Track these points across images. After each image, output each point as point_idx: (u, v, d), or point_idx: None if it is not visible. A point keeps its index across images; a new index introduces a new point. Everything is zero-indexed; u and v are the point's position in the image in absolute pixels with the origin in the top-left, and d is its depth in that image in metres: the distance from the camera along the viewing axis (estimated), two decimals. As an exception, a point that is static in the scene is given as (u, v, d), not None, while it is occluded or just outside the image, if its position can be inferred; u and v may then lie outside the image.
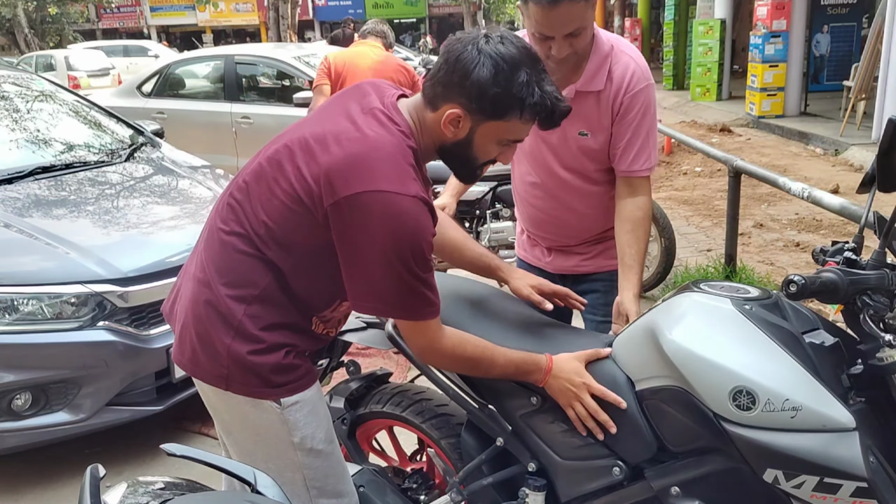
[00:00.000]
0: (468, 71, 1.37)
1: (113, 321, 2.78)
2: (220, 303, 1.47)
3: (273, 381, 1.50)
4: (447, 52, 1.41)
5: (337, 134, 1.40)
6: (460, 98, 1.40)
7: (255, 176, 1.49)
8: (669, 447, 1.49)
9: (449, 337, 1.51)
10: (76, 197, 3.36)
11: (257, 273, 1.46)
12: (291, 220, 1.42)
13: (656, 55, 19.31)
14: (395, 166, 1.36)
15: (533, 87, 1.39)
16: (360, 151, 1.36)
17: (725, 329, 1.40)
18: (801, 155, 8.43)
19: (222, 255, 1.49)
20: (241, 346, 1.46)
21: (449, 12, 36.41)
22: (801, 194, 3.14)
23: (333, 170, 1.36)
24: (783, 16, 10.30)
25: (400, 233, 1.35)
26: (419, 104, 1.47)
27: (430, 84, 1.44)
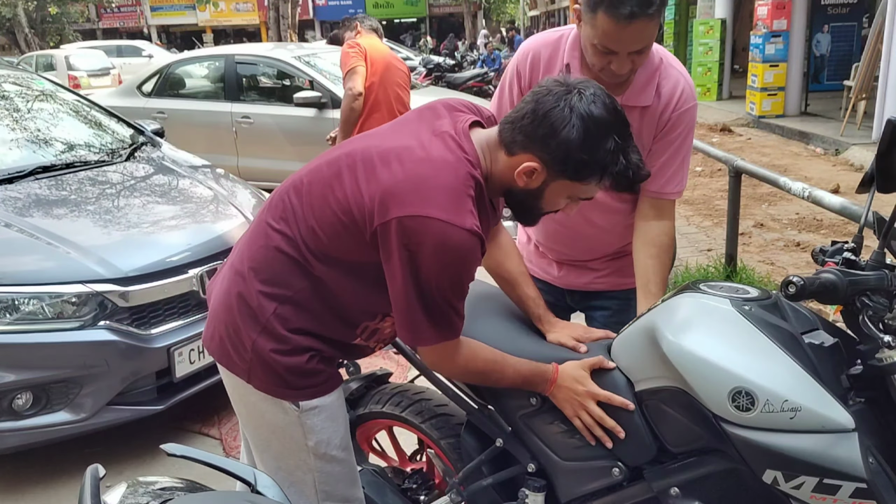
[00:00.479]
0: (556, 129, 1.32)
1: (114, 321, 2.78)
2: (252, 297, 1.47)
3: (292, 382, 1.49)
4: (535, 102, 1.36)
5: (401, 152, 1.38)
6: (541, 153, 1.35)
7: (312, 178, 1.47)
8: (669, 448, 1.49)
9: (462, 351, 1.50)
10: (77, 196, 3.36)
11: (295, 276, 1.45)
12: (340, 233, 1.40)
13: (657, 55, 19.31)
14: (453, 195, 1.33)
15: (619, 157, 1.35)
16: (420, 173, 1.33)
17: (725, 330, 1.40)
18: (801, 155, 8.42)
19: (264, 250, 1.48)
20: (265, 343, 1.46)
21: (449, 12, 36.42)
22: (802, 194, 3.13)
23: (389, 189, 1.33)
24: (783, 15, 10.30)
25: (444, 263, 1.33)
26: (493, 141, 1.43)
27: (510, 129, 1.39)
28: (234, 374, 1.54)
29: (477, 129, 1.47)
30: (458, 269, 1.35)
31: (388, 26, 34.10)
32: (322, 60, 6.96)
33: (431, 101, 1.56)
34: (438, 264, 1.32)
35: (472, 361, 1.51)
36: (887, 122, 1.27)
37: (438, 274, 1.33)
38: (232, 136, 6.72)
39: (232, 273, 1.54)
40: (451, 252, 1.31)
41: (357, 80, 4.39)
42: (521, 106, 1.39)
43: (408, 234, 1.31)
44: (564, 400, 1.55)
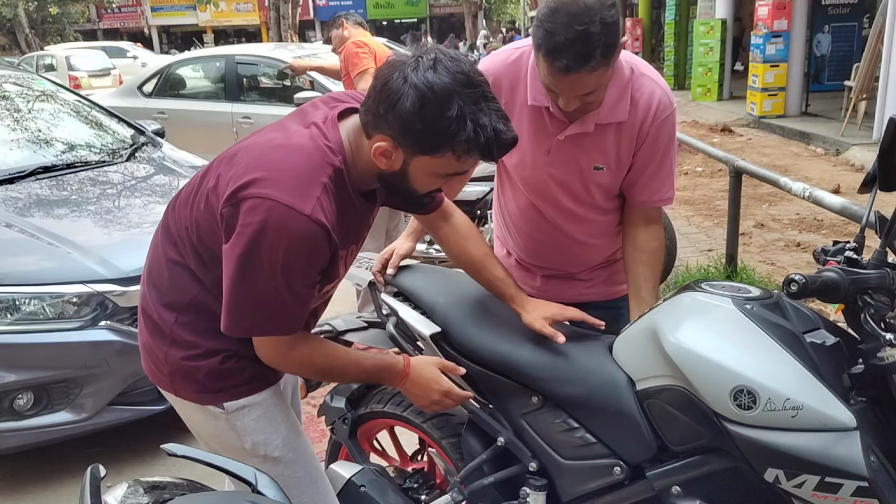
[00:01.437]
0: (392, 103, 1.25)
1: (115, 321, 2.78)
2: (153, 311, 1.48)
3: (211, 386, 1.48)
4: (376, 77, 1.31)
5: (261, 142, 1.37)
6: (388, 130, 1.29)
7: (190, 183, 1.49)
8: (670, 447, 1.49)
9: (299, 347, 1.45)
10: (77, 197, 3.36)
11: (186, 281, 1.45)
12: (206, 226, 1.38)
13: (657, 55, 19.31)
14: (300, 179, 1.28)
15: (465, 122, 1.24)
16: (271, 158, 1.31)
17: (726, 328, 1.41)
18: (802, 155, 8.42)
19: (156, 262, 1.49)
20: (176, 352, 1.46)
21: (450, 12, 36.42)
22: (803, 194, 3.13)
23: (240, 172, 1.31)
24: (784, 16, 10.29)
25: (276, 248, 1.26)
26: (357, 127, 1.38)
27: (363, 110, 1.34)
28: (163, 389, 1.54)
29: (352, 117, 1.41)
30: (293, 257, 1.28)
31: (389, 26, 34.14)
32: (322, 61, 6.95)
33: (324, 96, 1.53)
34: (270, 249, 1.26)
35: (308, 359, 1.47)
36: (889, 121, 1.27)
37: (270, 260, 1.27)
38: (233, 137, 6.71)
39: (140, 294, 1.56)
40: (287, 237, 1.25)
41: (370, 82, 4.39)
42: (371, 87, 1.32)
43: (243, 215, 1.26)
44: (415, 395, 1.57)
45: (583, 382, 1.59)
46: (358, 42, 4.42)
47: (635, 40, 17.80)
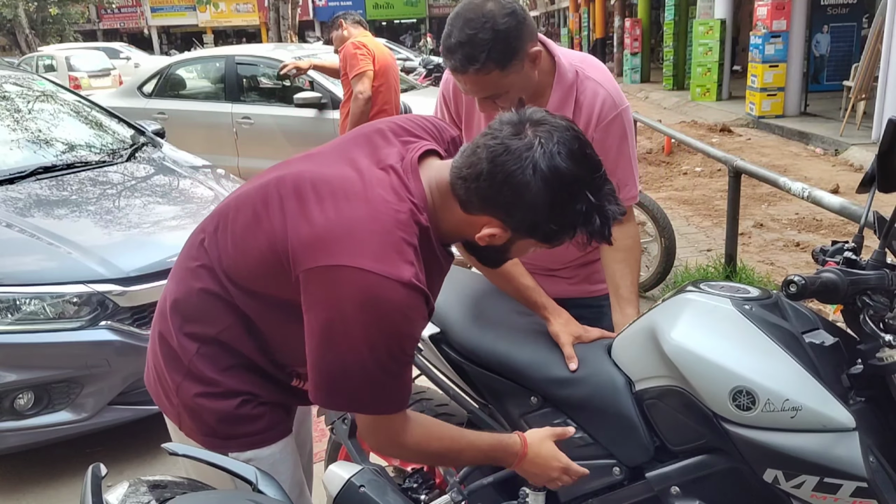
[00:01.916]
0: (520, 196, 1.13)
1: (115, 320, 2.78)
2: (172, 337, 1.34)
3: (221, 431, 1.34)
4: (492, 161, 1.14)
5: (336, 187, 1.21)
6: (502, 216, 1.18)
7: (239, 204, 1.32)
8: (669, 447, 1.50)
9: (412, 432, 1.32)
10: (78, 197, 3.36)
11: (219, 312, 1.30)
12: (265, 267, 1.24)
13: (656, 55, 19.32)
14: (388, 243, 1.15)
15: (592, 216, 1.16)
16: (354, 217, 1.17)
17: (725, 329, 1.41)
18: (801, 155, 8.43)
19: (185, 286, 1.34)
20: (190, 387, 1.33)
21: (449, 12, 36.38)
22: (802, 194, 3.14)
23: (317, 233, 1.17)
24: (783, 16, 10.30)
25: (373, 322, 1.14)
26: (446, 189, 1.23)
27: (464, 187, 1.19)
28: (168, 417, 1.42)
29: (429, 163, 1.29)
30: (392, 328, 1.15)
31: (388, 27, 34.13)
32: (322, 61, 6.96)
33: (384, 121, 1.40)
34: (367, 323, 1.13)
35: (424, 443, 1.33)
36: (889, 122, 1.27)
37: (368, 335, 1.14)
38: (232, 137, 6.72)
39: (157, 313, 1.42)
40: (383, 308, 1.13)
41: (367, 84, 4.37)
42: (473, 159, 1.18)
43: (330, 287, 1.14)
44: (534, 474, 1.49)
45: (581, 383, 1.59)
46: (357, 43, 4.40)
47: (634, 41, 17.81)
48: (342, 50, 4.49)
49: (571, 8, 27.51)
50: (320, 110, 6.30)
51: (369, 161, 1.27)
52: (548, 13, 38.24)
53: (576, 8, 26.60)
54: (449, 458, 1.43)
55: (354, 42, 4.41)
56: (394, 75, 4.64)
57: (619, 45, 19.91)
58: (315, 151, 1.38)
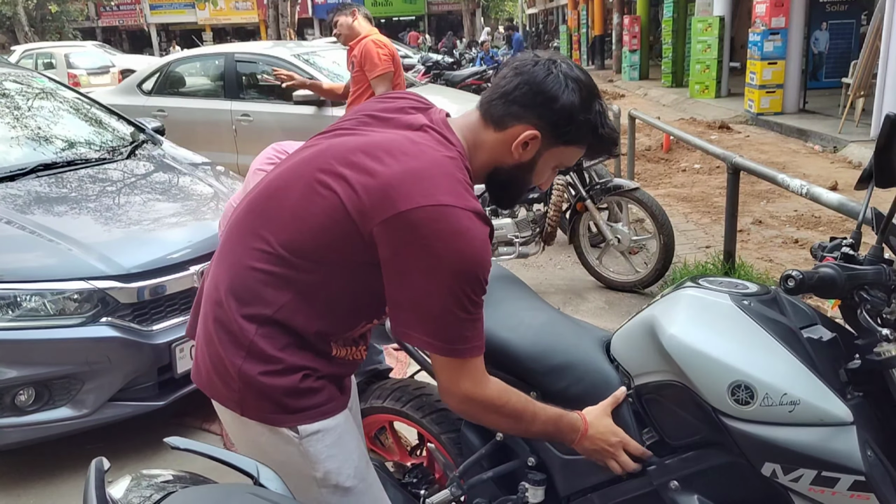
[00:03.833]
0: (556, 95, 1.32)
1: (115, 317, 2.79)
2: (231, 322, 1.35)
3: (288, 405, 1.36)
4: (527, 73, 1.34)
5: (389, 146, 1.30)
6: (539, 120, 1.34)
7: (286, 181, 1.37)
8: (668, 442, 1.51)
9: (493, 383, 1.38)
10: (78, 194, 3.37)
11: (274, 292, 1.33)
12: (330, 235, 1.29)
13: (655, 52, 19.31)
14: (456, 183, 1.27)
15: (604, 118, 1.37)
16: (421, 166, 1.26)
17: (724, 324, 1.42)
18: (799, 152, 8.44)
19: (238, 269, 1.37)
20: (252, 367, 1.34)
21: (448, 10, 36.38)
22: (800, 191, 3.15)
23: (392, 183, 1.24)
24: (782, 13, 10.30)
25: (463, 251, 1.23)
26: (475, 123, 1.39)
27: (502, 103, 1.35)
28: (226, 407, 1.41)
29: (452, 118, 1.44)
30: (476, 256, 1.24)
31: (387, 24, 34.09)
32: (321, 59, 6.97)
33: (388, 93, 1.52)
34: (456, 253, 1.22)
35: (504, 396, 1.39)
36: (886, 118, 1.28)
37: (458, 264, 1.23)
38: (232, 134, 6.73)
39: (207, 302, 1.42)
40: (469, 238, 1.23)
41: (389, 86, 4.31)
42: (504, 81, 1.36)
43: (420, 226, 1.22)
44: (593, 451, 1.50)
45: (580, 378, 1.60)
46: (378, 42, 4.31)
47: (633, 38, 17.80)
48: (358, 45, 4.37)
49: (570, 5, 27.48)
50: (319, 107, 6.30)
51: (400, 127, 1.37)
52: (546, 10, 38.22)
53: (574, 5, 26.57)
54: (525, 419, 1.43)
55: (376, 40, 4.30)
56: (401, 73, 4.63)
57: (618, 42, 19.89)
58: (336, 129, 1.44)
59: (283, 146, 2.49)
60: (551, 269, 4.90)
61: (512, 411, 1.40)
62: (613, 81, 18.43)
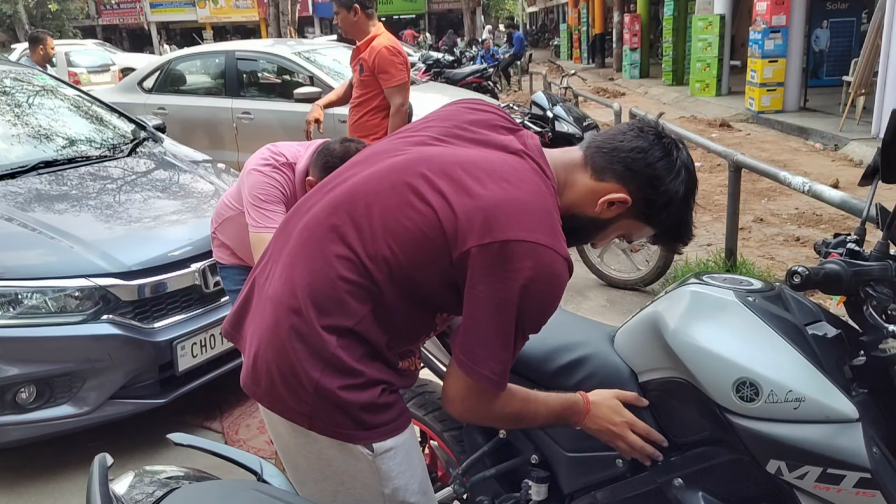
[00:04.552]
0: (664, 178, 1.30)
1: (117, 314, 2.79)
2: (311, 332, 1.27)
3: (366, 421, 1.31)
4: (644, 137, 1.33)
5: (490, 168, 1.26)
6: (637, 190, 1.31)
7: (374, 188, 1.31)
8: (673, 439, 1.50)
9: (500, 396, 1.35)
10: (79, 191, 3.36)
11: (356, 302, 1.27)
12: (420, 251, 1.25)
13: (656, 51, 19.30)
14: (552, 221, 1.25)
15: (690, 217, 1.39)
16: (523, 197, 1.23)
17: (729, 320, 1.41)
18: (800, 150, 8.43)
19: (321, 279, 1.28)
20: (331, 381, 1.27)
21: (448, 8, 36.35)
22: (802, 188, 3.14)
23: (493, 208, 1.21)
24: (782, 11, 10.29)
25: (543, 296, 1.23)
26: (574, 162, 1.36)
27: (609, 156, 1.33)
28: (289, 420, 1.33)
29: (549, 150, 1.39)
30: (551, 300, 1.25)
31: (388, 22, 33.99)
32: (323, 56, 6.96)
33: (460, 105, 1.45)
34: (536, 294, 1.21)
35: (508, 405, 1.37)
36: (893, 113, 1.27)
37: (532, 305, 1.22)
38: (233, 132, 6.72)
39: (276, 307, 1.32)
40: (552, 281, 1.22)
41: (405, 97, 4.10)
42: (622, 135, 1.34)
43: (511, 259, 1.19)
44: (599, 430, 1.49)
45: (592, 373, 1.59)
46: (392, 49, 4.04)
47: (633, 36, 17.79)
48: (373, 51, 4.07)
49: (570, 3, 27.46)
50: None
51: (496, 148, 1.33)
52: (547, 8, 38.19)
53: (575, 3, 26.55)
54: (526, 417, 1.44)
55: (389, 47, 4.04)
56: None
57: (619, 40, 19.87)
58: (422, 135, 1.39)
59: (278, 147, 2.49)
60: (552, 267, 4.89)
61: (513, 416, 1.40)
62: (614, 80, 18.41)
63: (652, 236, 1.42)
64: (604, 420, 1.48)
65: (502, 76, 17.59)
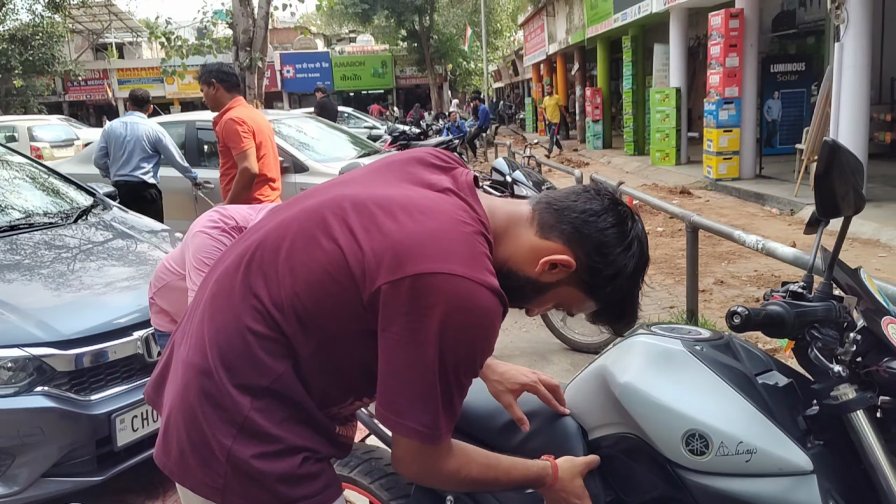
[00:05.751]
0: (613, 248, 1.19)
1: (52, 386, 2.64)
2: (222, 394, 1.16)
3: (284, 495, 1.18)
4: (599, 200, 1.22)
5: (406, 203, 1.17)
6: (583, 256, 1.20)
7: (284, 233, 1.21)
8: (625, 499, 1.42)
9: (454, 457, 1.23)
10: (18, 259, 3.24)
11: (270, 357, 1.16)
12: (326, 294, 1.14)
13: (617, 122, 19.87)
14: (474, 252, 1.13)
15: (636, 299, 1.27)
16: (435, 227, 1.13)
17: (676, 371, 1.36)
18: (757, 215, 8.60)
19: (227, 336, 1.18)
20: (245, 449, 1.16)
21: (416, 83, 37.27)
22: (756, 246, 3.16)
23: (401, 242, 1.11)
24: (735, 83, 10.69)
25: (468, 330, 1.11)
26: (520, 214, 1.25)
27: (558, 214, 1.22)
28: (203, 497, 1.20)
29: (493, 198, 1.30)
30: (478, 337, 1.13)
31: (356, 97, 34.76)
32: (287, 127, 7.01)
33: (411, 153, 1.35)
34: (458, 331, 1.10)
35: (464, 469, 1.24)
36: (824, 144, 1.26)
37: (455, 344, 1.10)
38: (192, 202, 6.65)
39: (186, 369, 1.22)
40: (475, 315, 1.10)
41: (253, 161, 4.33)
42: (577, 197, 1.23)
43: (424, 294, 1.08)
44: (555, 500, 1.40)
45: (537, 430, 1.52)
46: (237, 118, 4.31)
47: (595, 108, 18.33)
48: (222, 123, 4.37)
49: (534, 78, 28.34)
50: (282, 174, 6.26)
51: (420, 185, 1.24)
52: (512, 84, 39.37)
53: (539, 79, 27.42)
54: (485, 484, 1.31)
55: (234, 118, 4.31)
56: (271, 143, 4.66)
57: (582, 112, 20.46)
58: (347, 179, 1.31)
59: (228, 210, 2.43)
60: (516, 332, 4.83)
61: (470, 482, 1.28)
62: (578, 150, 18.87)
63: (592, 312, 1.29)
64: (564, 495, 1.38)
65: (468, 148, 17.90)
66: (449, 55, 34.15)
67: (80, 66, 28.83)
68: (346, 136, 8.12)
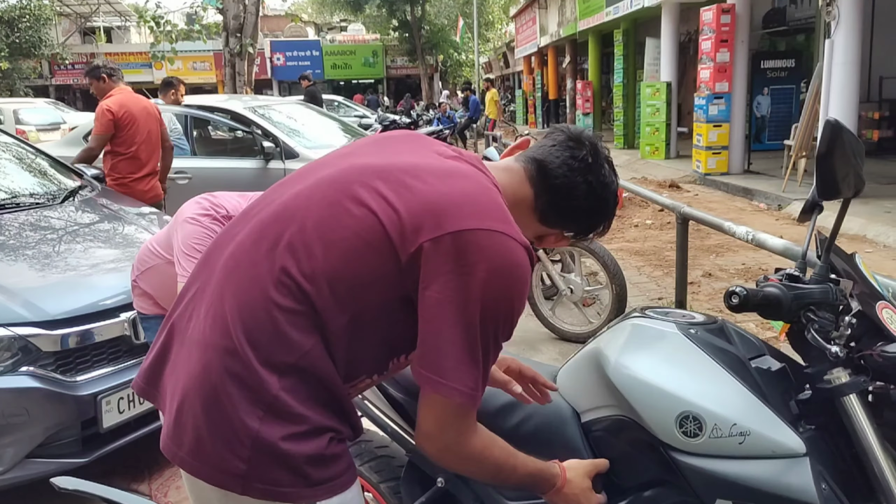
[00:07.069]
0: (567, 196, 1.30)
1: (37, 366, 2.60)
2: (249, 373, 1.11)
3: (312, 476, 1.13)
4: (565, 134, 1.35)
5: (429, 167, 1.19)
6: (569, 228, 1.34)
7: (304, 203, 1.18)
8: (618, 482, 1.42)
9: (479, 434, 1.22)
10: (6, 238, 3.20)
11: (298, 332, 1.12)
12: (360, 260, 1.12)
13: (608, 116, 19.89)
14: (504, 211, 1.17)
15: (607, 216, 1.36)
16: (468, 188, 1.16)
17: (671, 353, 1.36)
18: (746, 210, 8.65)
19: (252, 312, 1.13)
20: (273, 430, 1.10)
21: (406, 74, 37.12)
22: (746, 237, 3.16)
23: (438, 201, 1.12)
24: (725, 78, 10.72)
25: (509, 286, 1.12)
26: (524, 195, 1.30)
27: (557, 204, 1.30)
28: (217, 486, 1.14)
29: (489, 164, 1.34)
30: (516, 294, 1.14)
31: (347, 86, 34.57)
32: (276, 113, 6.96)
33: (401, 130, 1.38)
34: (499, 288, 1.11)
35: (488, 449, 1.23)
36: (826, 124, 1.26)
37: (496, 302, 1.11)
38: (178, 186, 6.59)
39: (205, 350, 1.15)
40: (513, 271, 1.12)
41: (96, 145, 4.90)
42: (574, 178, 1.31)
43: (466, 251, 1.09)
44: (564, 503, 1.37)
45: (525, 415, 1.52)
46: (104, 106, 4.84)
47: (586, 101, 18.34)
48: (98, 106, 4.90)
49: (525, 71, 28.30)
50: (266, 161, 6.22)
51: (435, 154, 1.26)
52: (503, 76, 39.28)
53: (530, 71, 27.38)
54: (504, 471, 1.28)
55: (107, 106, 4.83)
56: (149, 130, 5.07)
57: (572, 105, 20.47)
58: (353, 150, 1.31)
59: (218, 198, 2.37)
60: (504, 322, 4.84)
61: (492, 465, 1.25)
62: (567, 144, 18.83)
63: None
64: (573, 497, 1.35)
65: (458, 139, 17.88)
66: (440, 46, 34.02)
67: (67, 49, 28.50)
68: (336, 124, 8.07)
